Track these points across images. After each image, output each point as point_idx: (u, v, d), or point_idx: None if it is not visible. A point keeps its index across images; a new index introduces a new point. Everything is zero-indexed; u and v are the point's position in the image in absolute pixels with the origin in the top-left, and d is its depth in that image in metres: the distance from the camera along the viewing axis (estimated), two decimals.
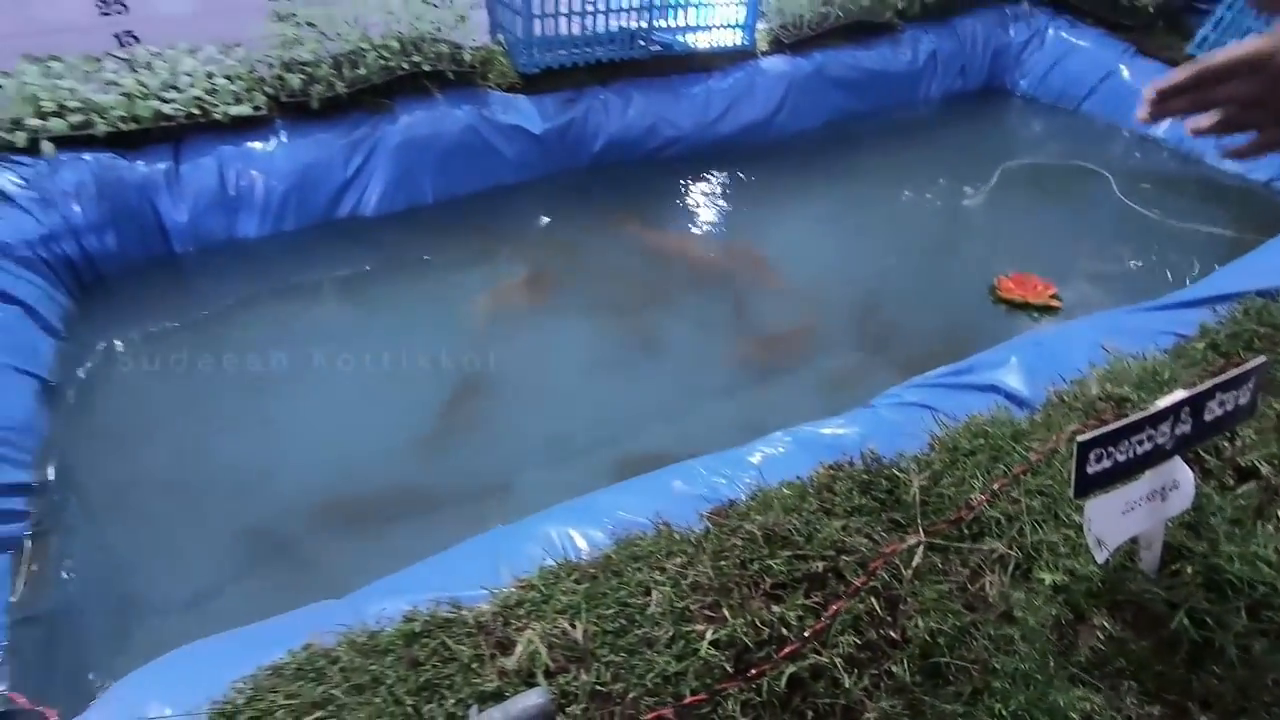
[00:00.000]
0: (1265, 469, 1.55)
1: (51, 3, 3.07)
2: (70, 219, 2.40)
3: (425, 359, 2.38)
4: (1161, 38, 3.72)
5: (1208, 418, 1.37)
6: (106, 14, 3.20)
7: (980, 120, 4.00)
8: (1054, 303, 2.70)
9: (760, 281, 2.77)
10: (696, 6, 3.30)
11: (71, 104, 2.36)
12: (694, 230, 3.11)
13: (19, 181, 2.32)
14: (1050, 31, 4.05)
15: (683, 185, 3.32)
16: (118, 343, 2.39)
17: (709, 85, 3.43)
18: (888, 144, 3.74)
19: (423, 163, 2.92)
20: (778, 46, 3.59)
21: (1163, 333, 2.06)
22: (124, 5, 3.21)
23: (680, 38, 3.36)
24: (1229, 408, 1.40)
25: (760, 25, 3.56)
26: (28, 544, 1.66)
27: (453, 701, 1.03)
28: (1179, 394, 1.34)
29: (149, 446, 2.05)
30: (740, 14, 3.38)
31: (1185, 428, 1.36)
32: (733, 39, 3.44)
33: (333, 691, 1.03)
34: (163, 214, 2.60)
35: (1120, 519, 1.30)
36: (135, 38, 3.29)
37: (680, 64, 3.40)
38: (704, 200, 3.27)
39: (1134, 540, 1.34)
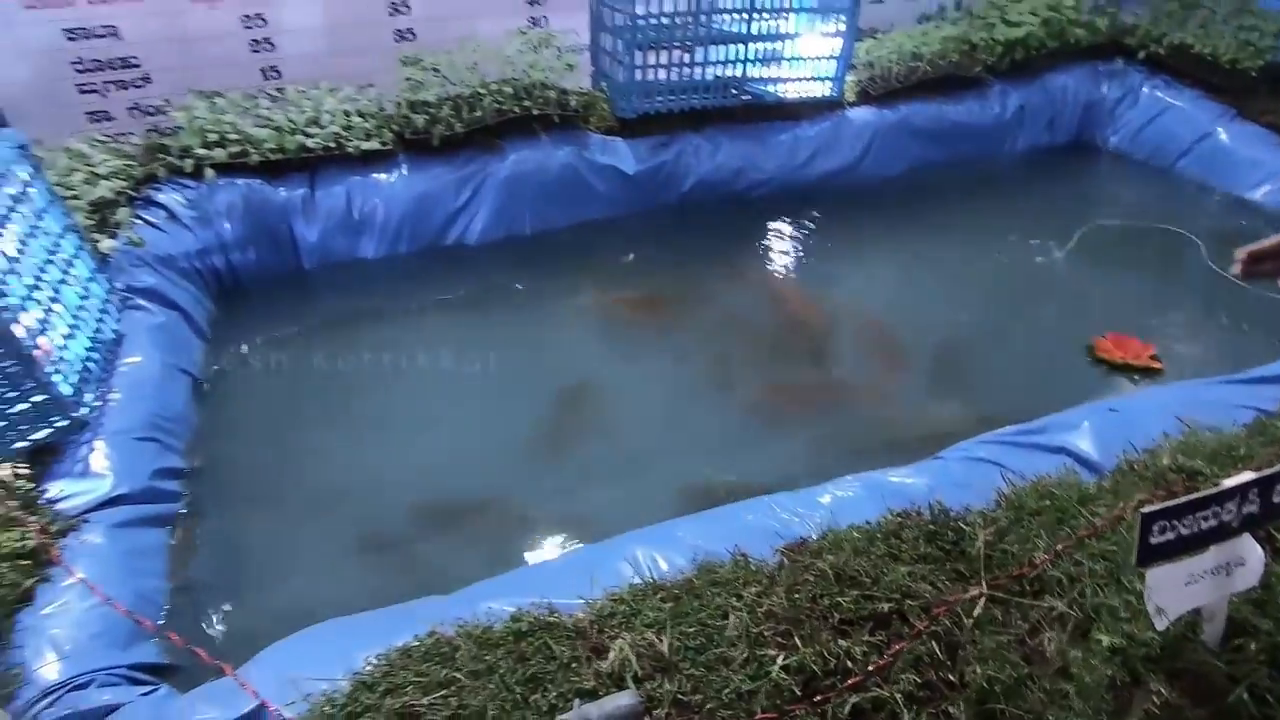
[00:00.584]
0: None
1: (214, 41, 3.48)
2: (221, 235, 2.74)
3: (514, 376, 2.60)
4: (1264, 101, 3.65)
5: (1276, 499, 1.42)
6: (256, 51, 3.59)
7: (1066, 175, 3.99)
8: (1155, 364, 2.64)
9: (835, 329, 2.86)
10: (789, 60, 3.45)
11: (232, 136, 2.69)
12: (774, 270, 3.23)
13: (183, 202, 2.66)
14: (1145, 90, 4.01)
15: (766, 226, 3.45)
16: (250, 346, 2.69)
17: (796, 132, 3.57)
18: (969, 194, 3.78)
19: (524, 197, 3.17)
20: (865, 98, 3.71)
21: (1243, 407, 2.07)
22: (271, 44, 3.60)
23: (771, 88, 3.52)
24: None
25: (849, 77, 3.68)
26: (179, 523, 1.93)
27: (554, 694, 1.19)
28: (1248, 474, 1.40)
29: (274, 441, 2.31)
30: (831, 67, 3.52)
31: (1253, 507, 1.41)
32: (821, 90, 3.58)
33: (455, 674, 1.20)
34: (296, 233, 2.91)
35: (1182, 590, 1.37)
36: (278, 72, 3.69)
37: (769, 112, 3.56)
38: (785, 240, 3.40)
39: (1196, 612, 1.39)
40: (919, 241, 3.41)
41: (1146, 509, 1.33)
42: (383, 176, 2.98)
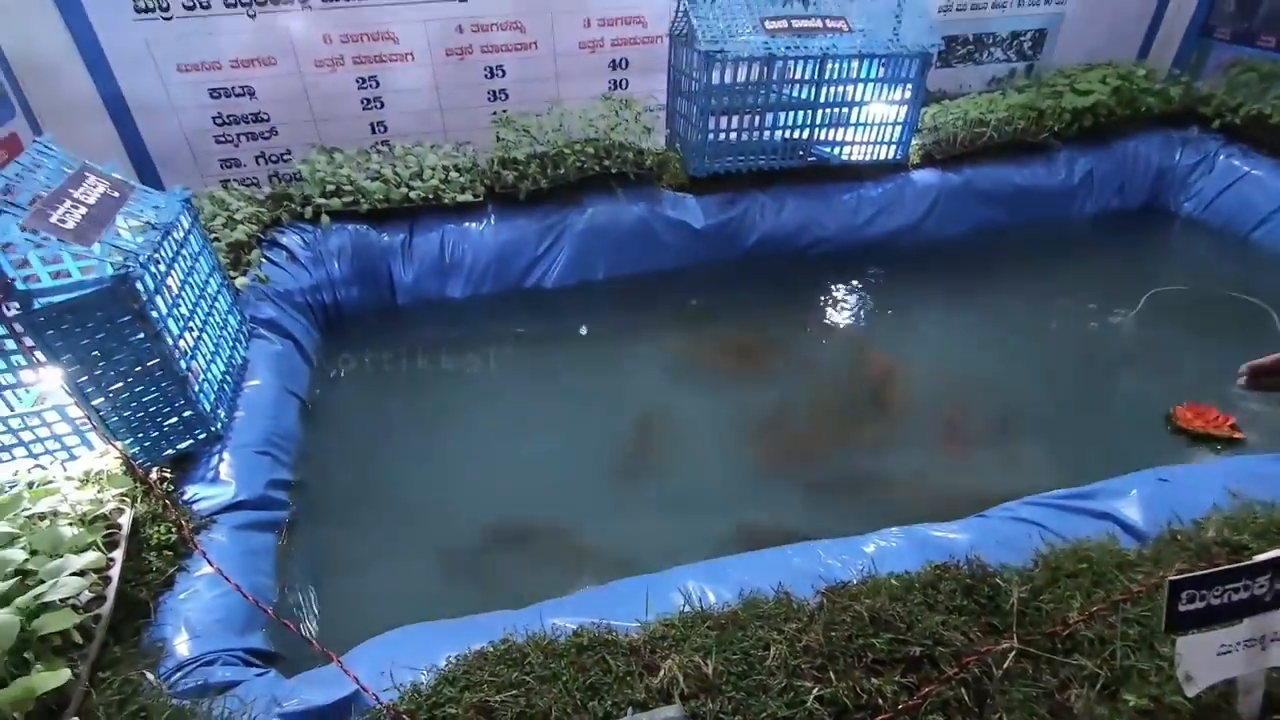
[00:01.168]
0: None
1: (332, 100, 3.91)
2: (331, 274, 3.08)
3: (581, 409, 2.84)
4: None
5: None
6: (368, 109, 4.02)
7: (1136, 241, 3.98)
8: (1236, 434, 2.62)
9: (894, 385, 2.94)
10: (855, 125, 3.63)
11: (346, 187, 3.04)
12: (835, 323, 3.36)
13: (301, 244, 3.02)
14: (1221, 157, 3.99)
15: (827, 281, 3.59)
16: (349, 373, 3.00)
17: (859, 193, 3.72)
18: (1035, 256, 3.82)
19: (598, 247, 3.42)
20: (929, 160, 3.83)
21: None
22: (381, 102, 4.02)
23: (837, 151, 3.69)
24: None
25: (914, 141, 3.82)
26: (285, 529, 2.19)
27: (609, 703, 1.35)
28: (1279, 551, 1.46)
29: (365, 459, 2.57)
30: (896, 132, 3.67)
31: None
32: (886, 153, 3.73)
33: (525, 678, 1.38)
34: (394, 273, 3.24)
35: (1214, 659, 1.43)
36: (385, 126, 4.10)
37: (834, 173, 3.73)
38: (846, 295, 3.52)
39: (1232, 682, 1.45)
40: (984, 300, 3.48)
41: (1174, 577, 1.41)
42: (473, 225, 3.28)
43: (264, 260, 2.86)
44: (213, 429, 2.00)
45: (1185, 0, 4.83)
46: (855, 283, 3.60)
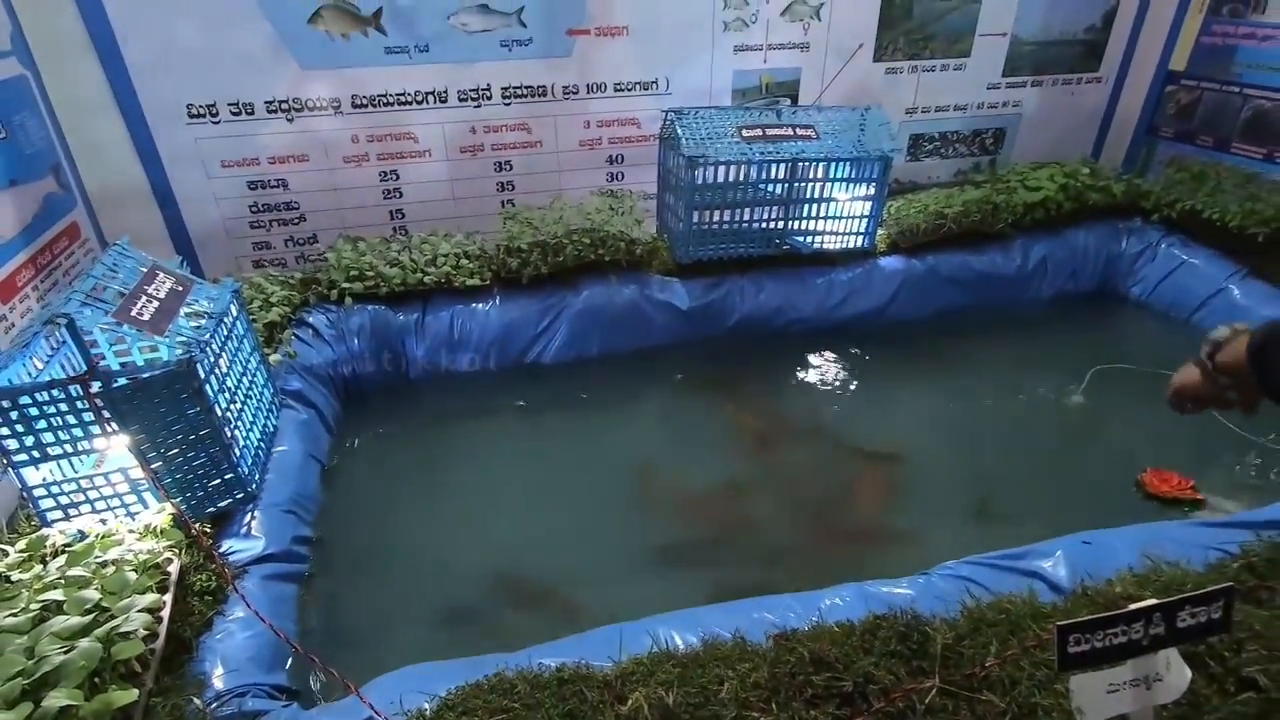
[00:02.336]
0: (1264, 681, 1.83)
1: (356, 191, 4.35)
2: (351, 350, 3.42)
3: (576, 474, 3.12)
4: (1272, 262, 3.95)
5: (1180, 625, 1.74)
6: (388, 199, 4.46)
7: (1089, 322, 4.31)
8: (1196, 495, 2.89)
9: (869, 477, 3.17)
10: (826, 219, 4.04)
11: (369, 273, 3.42)
12: (809, 396, 3.67)
13: (326, 323, 3.37)
14: (1163, 246, 4.37)
15: (803, 357, 3.92)
16: (365, 440, 3.30)
17: (831, 277, 4.09)
18: (995, 336, 4.14)
19: (593, 326, 3.77)
20: (894, 248, 4.22)
21: (1209, 547, 2.32)
22: (400, 193, 4.46)
23: (810, 240, 4.09)
24: (1201, 619, 1.75)
25: (880, 232, 4.22)
26: (305, 580, 2.45)
27: None
28: (1152, 600, 1.73)
29: (379, 520, 2.84)
30: (863, 224, 4.07)
31: (1159, 629, 1.73)
32: (854, 242, 4.12)
33: (513, 704, 1.63)
34: (408, 349, 3.58)
35: (1104, 697, 1.68)
36: (403, 214, 4.54)
37: (808, 260, 4.12)
38: (819, 370, 3.85)
39: (1124, 718, 1.69)
40: (946, 377, 3.79)
41: (1062, 622, 1.67)
42: (479, 305, 3.64)
43: (294, 338, 3.20)
44: (249, 489, 2.30)
45: (1132, 103, 5.35)
46: (829, 358, 3.93)
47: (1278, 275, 3.94)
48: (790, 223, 4.04)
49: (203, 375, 2.08)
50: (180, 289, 2.27)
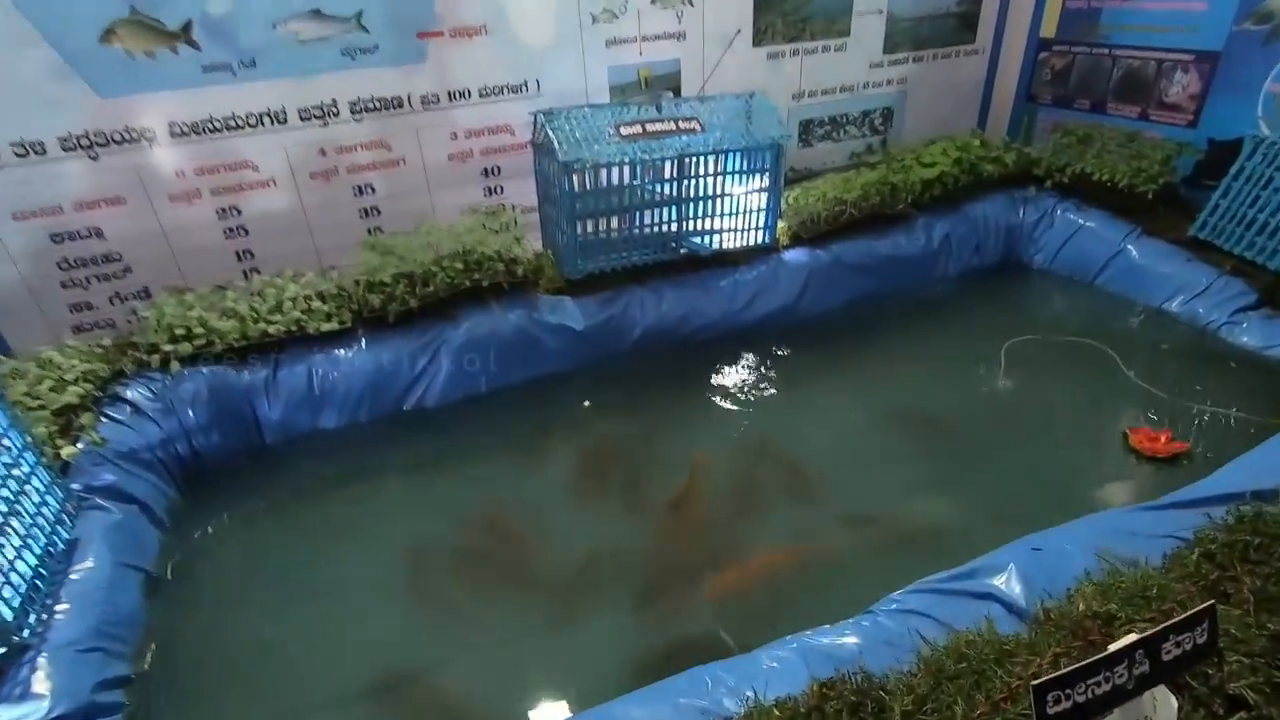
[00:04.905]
0: (1254, 697, 1.60)
1: (191, 232, 3.76)
2: (185, 423, 2.86)
3: (479, 541, 2.68)
4: (1164, 219, 3.95)
5: (1166, 658, 1.48)
6: (231, 238, 3.88)
7: (997, 296, 4.23)
8: (1183, 446, 2.81)
9: (795, 486, 2.89)
10: (722, 215, 3.75)
11: (197, 330, 2.88)
12: (726, 410, 3.35)
13: (149, 395, 2.81)
14: (1059, 212, 4.33)
15: (712, 367, 3.62)
16: (213, 529, 2.76)
17: (735, 278, 3.81)
18: (908, 320, 3.99)
19: (479, 359, 3.34)
20: (797, 240, 3.99)
21: (1163, 536, 2.13)
22: (245, 230, 3.89)
23: (707, 240, 3.79)
24: (1187, 647, 1.51)
25: (781, 223, 3.98)
26: None
27: None
28: (1132, 636, 1.46)
29: (231, 629, 2.33)
30: (762, 218, 3.82)
31: (1143, 668, 1.47)
32: (755, 238, 3.86)
33: None
34: (259, 412, 3.05)
35: None
36: (251, 254, 3.97)
37: (708, 261, 3.82)
38: (731, 380, 3.55)
39: None
40: (866, 369, 3.58)
41: (1037, 681, 1.38)
42: (342, 351, 3.15)
43: (102, 419, 2.63)
44: (16, 639, 1.76)
45: (1009, 72, 5.35)
46: (738, 365, 3.64)
47: (1169, 230, 3.94)
48: (685, 224, 3.73)
49: None
50: None
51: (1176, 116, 4.33)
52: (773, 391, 3.45)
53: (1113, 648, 1.42)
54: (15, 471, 2.00)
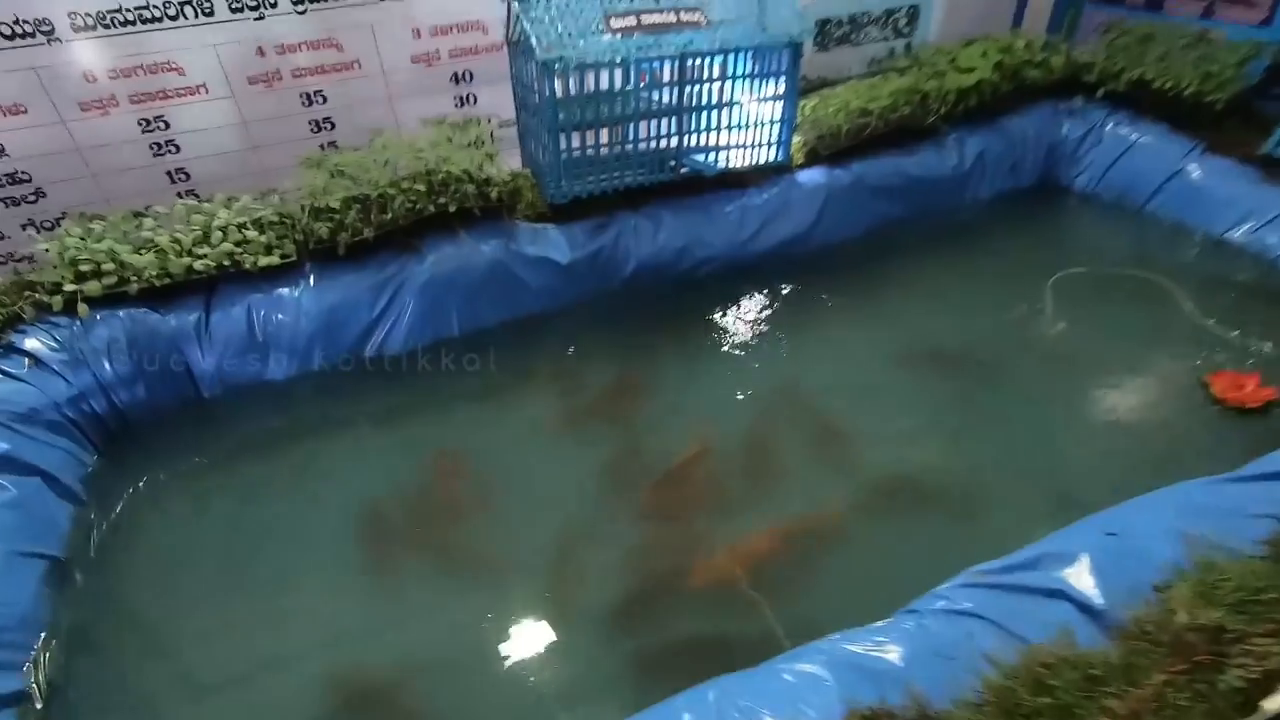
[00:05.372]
0: None
1: (111, 149, 3.22)
2: (100, 376, 2.44)
3: (443, 514, 2.31)
4: (1234, 134, 3.46)
5: None
6: (160, 155, 3.34)
7: (1033, 223, 3.77)
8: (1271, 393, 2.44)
9: (814, 444, 2.52)
10: (729, 129, 3.23)
11: (107, 266, 2.41)
12: (734, 356, 2.95)
13: (53, 344, 2.37)
14: (1108, 127, 3.82)
15: (716, 307, 3.19)
16: (140, 500, 2.38)
17: (743, 203, 3.34)
18: (934, 251, 3.54)
19: (448, 298, 2.90)
20: (814, 158, 3.49)
21: (1256, 516, 1.79)
22: (176, 146, 3.35)
23: (711, 158, 3.29)
24: None
25: (796, 138, 3.47)
26: None
27: None
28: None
29: (161, 622, 1.99)
30: (775, 131, 3.30)
31: None
32: (767, 155, 3.36)
33: None
34: (191, 362, 2.62)
35: None
36: (186, 174, 3.44)
37: (712, 184, 3.33)
38: (738, 321, 3.13)
39: None
40: (891, 306, 3.16)
41: None
42: (286, 291, 2.70)
43: None
44: None
45: None
46: (746, 304, 3.21)
47: (1237, 147, 3.45)
48: (686, 138, 3.21)
49: None
50: None
51: (1248, 14, 3.76)
52: (785, 333, 3.03)
53: (1268, 707, 1.08)
54: None
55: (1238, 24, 3.80)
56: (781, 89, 3.19)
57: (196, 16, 3.12)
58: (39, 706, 1.71)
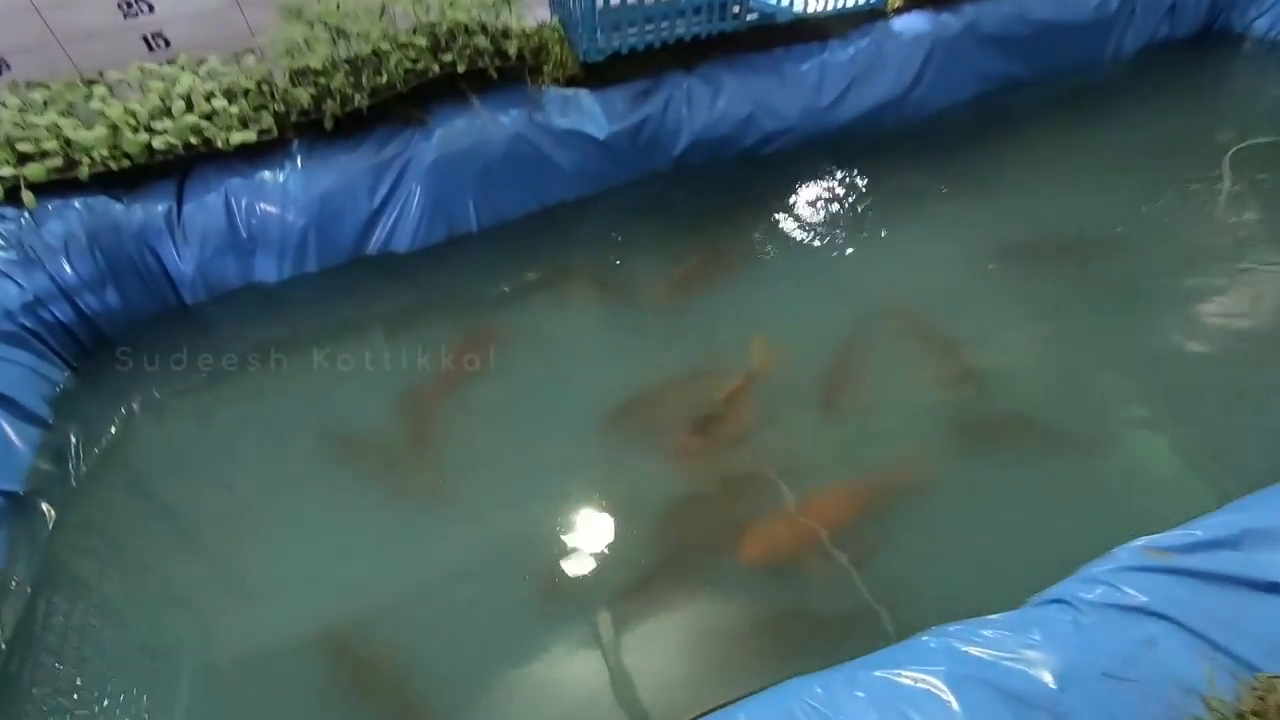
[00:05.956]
0: None
1: (73, 9, 2.74)
2: (60, 278, 2.08)
3: (471, 445, 1.95)
4: None
5: None
6: (132, 16, 2.85)
7: (1197, 82, 2.98)
8: None
9: (908, 366, 2.03)
10: None
11: (50, 144, 2.00)
12: (808, 258, 2.41)
13: (1, 240, 2.00)
14: None
15: (787, 192, 2.62)
16: (117, 423, 2.07)
17: (823, 59, 2.69)
18: (1066, 124, 2.85)
19: (461, 183, 2.42)
20: (915, 2, 2.76)
21: None
22: (150, 6, 2.85)
23: (785, 1, 2.61)
24: None
25: None
26: None
27: None
28: None
29: (138, 570, 1.72)
30: None
31: None
32: None
33: None
34: (167, 262, 2.24)
35: None
36: (165, 39, 2.95)
37: (784, 35, 2.67)
38: (814, 210, 2.56)
39: None
40: (1003, 195, 2.54)
41: None
42: (269, 174, 2.25)
43: None
44: None
45: None
46: (823, 190, 2.63)
47: None
48: None
49: None
50: None
51: None
52: (872, 225, 2.46)
53: None
54: None
55: None
56: None
57: None
58: None
